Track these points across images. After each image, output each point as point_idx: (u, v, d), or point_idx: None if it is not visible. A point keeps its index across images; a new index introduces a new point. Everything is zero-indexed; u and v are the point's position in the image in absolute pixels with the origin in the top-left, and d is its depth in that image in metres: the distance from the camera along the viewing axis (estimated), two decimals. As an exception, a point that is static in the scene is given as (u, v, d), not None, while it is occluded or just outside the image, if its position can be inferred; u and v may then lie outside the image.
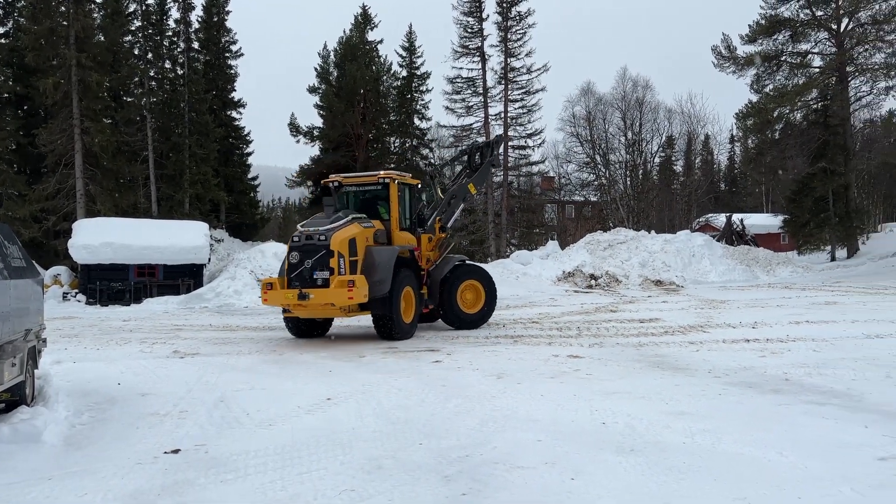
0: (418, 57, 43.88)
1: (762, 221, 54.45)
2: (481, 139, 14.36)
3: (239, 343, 12.50)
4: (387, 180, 13.23)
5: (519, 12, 43.43)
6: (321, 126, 40.40)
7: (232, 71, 42.66)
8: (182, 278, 25.08)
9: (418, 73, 43.74)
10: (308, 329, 13.06)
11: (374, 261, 12.08)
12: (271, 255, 25.57)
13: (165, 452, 5.61)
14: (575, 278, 27.41)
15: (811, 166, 39.38)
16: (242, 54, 42.88)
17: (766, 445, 5.43)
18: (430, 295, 13.57)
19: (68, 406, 7.03)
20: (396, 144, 44.62)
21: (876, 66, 38.33)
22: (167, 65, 35.67)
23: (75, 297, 24.05)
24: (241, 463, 5.32)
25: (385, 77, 43.45)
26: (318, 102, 41.36)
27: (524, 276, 28.06)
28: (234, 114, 43.02)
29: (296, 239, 12.04)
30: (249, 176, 44.51)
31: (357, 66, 38.92)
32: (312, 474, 5.01)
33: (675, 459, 5.12)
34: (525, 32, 43.45)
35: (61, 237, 28.61)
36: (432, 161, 46.95)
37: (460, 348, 11.13)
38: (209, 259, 26.96)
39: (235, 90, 43.09)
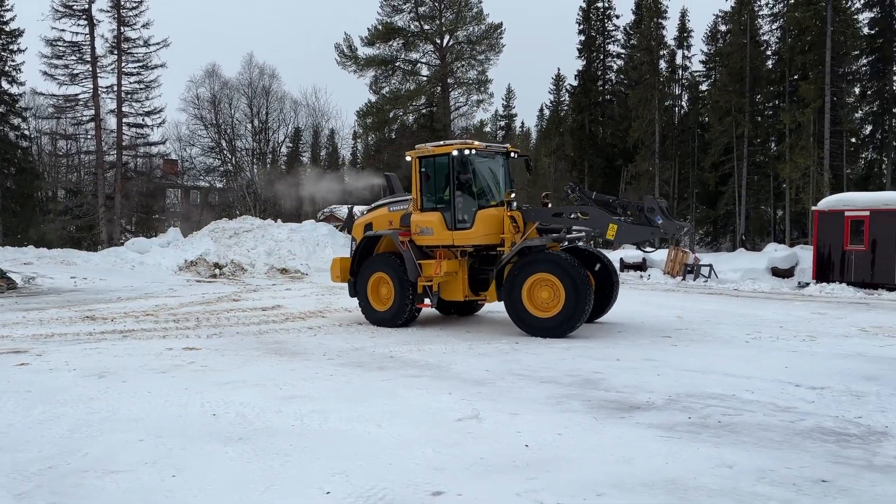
0: (7, 10, 37.40)
1: (380, 213, 58.95)
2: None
3: None
4: (408, 158, 12.09)
5: (134, -23, 39.86)
6: None
7: None
8: None
9: (6, 28, 37.28)
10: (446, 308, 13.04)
11: None
12: None
13: None
14: (198, 267, 26.29)
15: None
16: None
17: (367, 419, 5.86)
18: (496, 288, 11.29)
19: None
20: (-22, 110, 37.47)
21: (470, 81, 44.34)
22: None
23: None
24: None
25: (-39, 28, 36.14)
26: None
27: (141, 266, 26.00)
28: None
29: None
30: None
31: (-81, 8, 31.61)
32: None
33: (284, 443, 5.21)
34: (142, 2, 40.10)
35: None
36: (26, 132, 40.61)
37: (54, 347, 9.78)
38: None
39: None
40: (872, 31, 31.14)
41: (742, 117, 32.27)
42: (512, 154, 12.06)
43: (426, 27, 42.88)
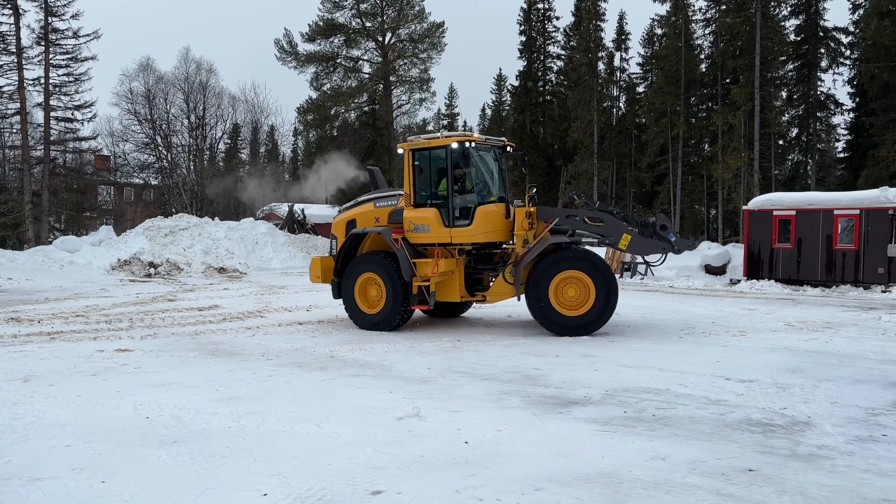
0: (-75, -4, 35.45)
1: (322, 212, 58.17)
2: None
3: None
4: (400, 150, 11.28)
5: (62, -34, 38.26)
6: None
7: None
8: None
9: (-75, 15, 35.39)
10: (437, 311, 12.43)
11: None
12: None
13: None
14: (132, 266, 25.48)
15: (362, 164, 43.66)
16: None
17: (306, 420, 5.79)
18: (524, 287, 10.56)
19: None
20: None
21: (413, 80, 44.28)
22: None
23: None
24: None
25: None
26: None
27: (71, 265, 25.05)
28: None
29: None
30: None
31: None
32: None
33: (220, 445, 5.10)
34: (71, -10, 38.52)
35: None
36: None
37: (-24, 351, 9.35)
38: None
39: None
40: (798, 38, 32.46)
41: (677, 119, 33.19)
42: (507, 148, 11.60)
43: (368, 24, 42.59)
